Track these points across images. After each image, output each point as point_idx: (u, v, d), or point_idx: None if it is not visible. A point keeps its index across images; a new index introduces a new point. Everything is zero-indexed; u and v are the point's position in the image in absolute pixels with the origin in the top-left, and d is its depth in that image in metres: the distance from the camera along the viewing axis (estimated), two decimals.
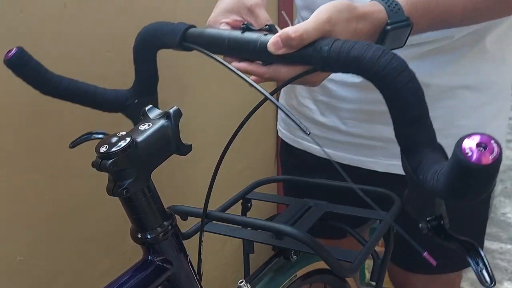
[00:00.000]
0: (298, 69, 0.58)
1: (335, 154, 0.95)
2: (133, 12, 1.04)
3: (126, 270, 0.61)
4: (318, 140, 0.97)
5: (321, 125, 0.96)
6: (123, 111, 0.74)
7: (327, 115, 0.94)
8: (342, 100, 0.91)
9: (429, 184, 0.46)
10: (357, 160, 0.94)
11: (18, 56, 0.66)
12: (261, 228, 0.70)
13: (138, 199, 0.57)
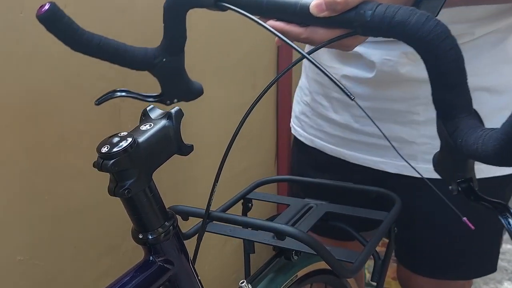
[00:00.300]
0: (336, 32, 0.58)
1: (347, 154, 0.95)
2: (133, 12, 1.04)
3: (128, 270, 0.61)
4: (332, 139, 0.97)
5: (334, 123, 0.95)
6: (151, 70, 0.74)
7: (340, 112, 0.94)
8: (356, 98, 0.90)
9: (471, 148, 0.47)
10: (369, 160, 0.93)
11: (51, 11, 0.64)
12: (262, 228, 0.70)
13: (139, 200, 0.57)
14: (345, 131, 0.94)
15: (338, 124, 0.94)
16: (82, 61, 0.94)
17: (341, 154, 0.96)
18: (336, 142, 0.96)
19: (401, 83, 0.85)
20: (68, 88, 0.92)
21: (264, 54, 1.58)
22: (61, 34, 0.67)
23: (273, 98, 1.68)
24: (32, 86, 0.86)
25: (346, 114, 0.93)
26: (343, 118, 0.93)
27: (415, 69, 0.83)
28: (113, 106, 1.02)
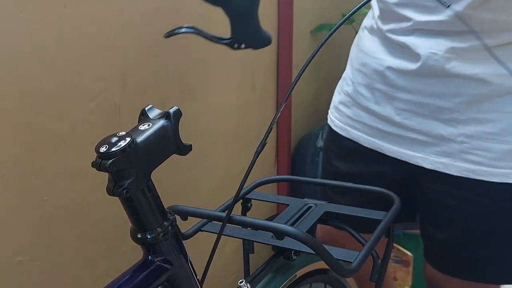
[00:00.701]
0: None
1: (383, 146, 0.95)
2: (133, 12, 1.04)
3: (126, 270, 0.61)
4: (369, 130, 0.96)
5: (374, 114, 0.95)
6: (225, 6, 0.74)
7: (382, 104, 0.93)
8: (400, 90, 0.90)
9: None
10: (405, 154, 0.93)
11: None
12: (262, 228, 0.70)
13: (138, 199, 0.57)
14: (385, 124, 0.94)
15: (378, 116, 0.94)
16: (82, 61, 0.94)
17: (377, 145, 0.96)
18: (374, 133, 0.96)
19: (445, 78, 0.85)
20: (68, 88, 0.92)
21: (264, 54, 1.58)
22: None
23: (273, 98, 1.68)
24: (32, 86, 0.86)
25: (388, 107, 0.92)
26: (384, 110, 0.93)
27: (461, 65, 0.83)
28: (113, 106, 1.02)
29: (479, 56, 0.82)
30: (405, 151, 0.92)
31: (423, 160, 0.91)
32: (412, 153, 0.92)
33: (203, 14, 1.22)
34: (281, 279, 0.79)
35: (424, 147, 0.90)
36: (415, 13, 0.84)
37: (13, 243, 0.87)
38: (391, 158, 0.94)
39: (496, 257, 0.92)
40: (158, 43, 1.12)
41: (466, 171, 0.87)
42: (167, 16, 1.14)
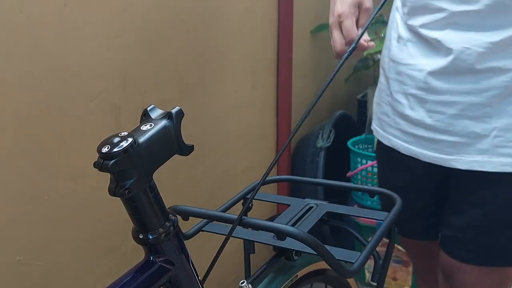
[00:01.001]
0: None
1: (419, 152, 0.95)
2: (133, 11, 1.04)
3: (128, 270, 0.61)
4: (405, 137, 0.98)
5: (409, 120, 0.96)
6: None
7: (415, 108, 0.94)
8: (430, 91, 0.91)
9: None
10: (439, 159, 0.93)
11: None
12: (263, 228, 0.70)
13: (140, 200, 0.57)
14: (418, 128, 0.94)
15: (412, 121, 0.95)
16: (82, 61, 0.94)
17: (413, 152, 0.97)
18: (410, 140, 0.97)
19: (475, 74, 0.86)
20: (68, 88, 0.92)
21: (264, 54, 1.58)
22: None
23: (273, 98, 1.68)
24: (31, 85, 0.86)
25: (420, 110, 0.93)
26: (417, 114, 0.94)
27: (492, 59, 0.84)
28: (113, 106, 1.02)
29: (511, 48, 0.83)
30: (439, 155, 0.93)
31: (457, 162, 0.91)
32: (445, 157, 0.92)
33: (203, 15, 1.22)
34: (282, 279, 0.79)
35: (456, 149, 0.91)
36: (450, 3, 0.85)
37: (13, 243, 0.87)
38: (429, 164, 0.95)
39: (495, 241, 0.94)
40: (158, 43, 1.12)
41: (502, 165, 0.88)
42: (167, 17, 1.14)
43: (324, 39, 1.84)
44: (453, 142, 0.91)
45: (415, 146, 0.96)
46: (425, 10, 0.89)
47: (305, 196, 0.95)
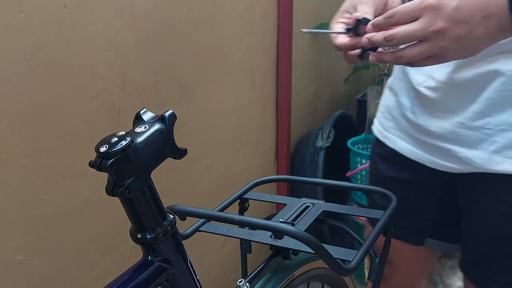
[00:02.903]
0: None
1: (423, 156, 0.93)
2: (133, 12, 1.04)
3: (126, 270, 0.61)
4: (409, 140, 0.95)
5: (411, 124, 0.94)
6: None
7: (418, 113, 0.92)
8: (428, 99, 0.90)
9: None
10: (440, 165, 0.91)
11: None
12: (260, 227, 0.70)
13: (138, 199, 0.57)
14: (422, 134, 0.92)
15: (415, 125, 0.93)
16: (82, 62, 0.95)
17: (418, 156, 0.94)
18: (413, 144, 0.95)
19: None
20: (68, 88, 0.93)
21: (264, 54, 1.59)
22: None
23: (273, 98, 1.68)
24: (31, 85, 0.86)
25: (423, 116, 0.91)
26: (420, 119, 0.92)
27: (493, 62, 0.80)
28: (112, 106, 1.02)
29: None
30: (441, 162, 0.90)
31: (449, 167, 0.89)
32: (444, 163, 0.90)
33: (203, 15, 1.22)
34: (279, 278, 0.79)
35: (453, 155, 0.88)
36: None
37: (13, 243, 0.87)
38: (431, 169, 0.93)
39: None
40: (158, 44, 1.13)
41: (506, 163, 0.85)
42: (166, 17, 1.14)
43: (324, 39, 1.84)
44: (447, 149, 0.88)
45: (417, 148, 0.94)
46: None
47: (305, 196, 0.96)
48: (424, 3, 0.66)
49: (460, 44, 0.66)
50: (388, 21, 0.70)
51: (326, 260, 0.68)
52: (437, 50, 0.67)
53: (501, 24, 0.65)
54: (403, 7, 0.68)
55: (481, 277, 0.92)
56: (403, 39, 0.68)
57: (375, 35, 0.71)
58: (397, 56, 0.70)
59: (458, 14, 0.64)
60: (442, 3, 0.65)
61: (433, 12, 0.65)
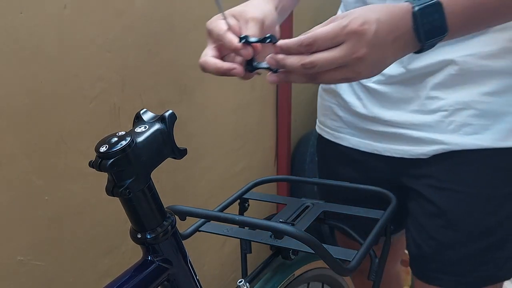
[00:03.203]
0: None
1: (375, 145, 0.94)
2: (132, 13, 1.04)
3: (126, 270, 0.61)
4: (361, 134, 0.96)
5: (362, 117, 0.95)
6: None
7: (368, 106, 0.93)
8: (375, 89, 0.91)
9: None
10: (399, 151, 0.92)
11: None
12: (260, 227, 0.71)
13: (138, 199, 0.57)
14: (374, 124, 0.93)
15: (365, 117, 0.94)
16: (81, 62, 0.95)
17: (373, 147, 0.95)
18: (366, 136, 0.96)
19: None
20: (68, 88, 0.93)
21: None
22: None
23: (272, 98, 1.68)
24: (31, 86, 0.86)
25: (372, 106, 0.92)
26: (371, 111, 0.93)
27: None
28: (112, 107, 1.02)
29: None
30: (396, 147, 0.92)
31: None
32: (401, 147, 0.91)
33: (203, 16, 1.22)
34: (279, 278, 0.80)
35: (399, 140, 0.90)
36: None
37: (14, 243, 0.87)
38: (386, 157, 0.93)
39: (486, 254, 0.89)
40: (157, 44, 1.13)
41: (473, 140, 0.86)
42: (165, 17, 1.14)
43: None
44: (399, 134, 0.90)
45: (370, 140, 0.95)
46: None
47: (305, 196, 0.96)
48: (347, 28, 0.62)
49: (373, 66, 0.65)
50: (306, 49, 0.64)
51: (326, 260, 0.68)
52: (354, 74, 0.65)
53: (406, 44, 0.65)
54: (324, 33, 0.63)
55: (431, 271, 0.92)
56: (324, 67, 0.64)
57: (287, 58, 0.66)
58: (311, 78, 0.67)
59: (377, 38, 0.62)
60: (365, 28, 0.62)
61: (357, 38, 0.62)
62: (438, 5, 0.64)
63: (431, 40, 0.65)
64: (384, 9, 0.64)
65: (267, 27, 0.75)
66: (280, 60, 0.66)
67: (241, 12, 0.75)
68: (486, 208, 0.87)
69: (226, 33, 0.72)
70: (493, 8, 0.67)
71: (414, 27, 0.64)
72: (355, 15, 0.63)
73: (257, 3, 0.77)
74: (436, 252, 0.91)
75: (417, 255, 0.94)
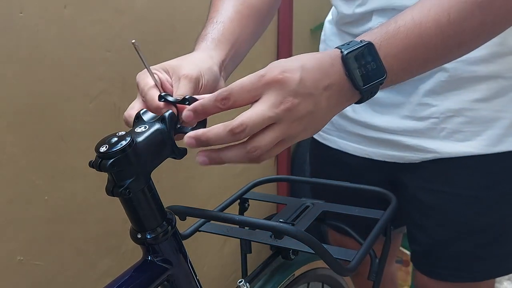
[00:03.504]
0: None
1: (369, 150, 0.95)
2: (132, 12, 1.04)
3: (126, 270, 0.61)
4: (350, 137, 0.96)
5: (353, 121, 0.95)
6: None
7: (357, 110, 0.93)
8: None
9: None
10: (389, 156, 0.93)
11: None
12: (260, 227, 0.70)
13: (138, 199, 0.57)
14: (364, 129, 0.94)
15: (357, 121, 0.94)
16: (82, 62, 0.95)
17: (364, 152, 0.96)
18: (357, 140, 0.96)
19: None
20: (68, 88, 0.93)
21: (264, 53, 1.59)
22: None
23: None
24: (31, 86, 0.86)
25: (364, 111, 0.92)
26: (361, 116, 0.93)
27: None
28: (112, 107, 1.02)
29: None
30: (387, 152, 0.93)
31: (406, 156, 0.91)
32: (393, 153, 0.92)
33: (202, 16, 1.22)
34: (279, 278, 0.79)
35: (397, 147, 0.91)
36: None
37: (13, 243, 0.87)
38: (379, 162, 0.94)
39: (481, 251, 0.92)
40: (158, 44, 1.13)
41: (463, 147, 0.87)
42: (166, 17, 1.14)
43: None
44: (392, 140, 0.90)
45: (363, 145, 0.95)
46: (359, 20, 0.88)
47: (305, 196, 0.96)
48: (265, 78, 0.55)
49: (308, 120, 0.56)
50: (222, 104, 0.56)
51: (326, 260, 0.68)
52: (290, 130, 0.56)
53: (341, 92, 0.58)
54: (239, 85, 0.56)
55: (431, 266, 0.96)
56: (256, 126, 0.54)
57: (208, 132, 0.54)
58: (251, 150, 0.55)
59: (304, 87, 0.55)
60: (286, 76, 0.54)
61: (278, 87, 0.54)
62: (370, 46, 0.58)
63: (369, 85, 0.58)
64: (311, 57, 0.58)
65: (205, 86, 0.66)
66: (199, 138, 0.55)
67: (175, 67, 0.68)
68: (478, 209, 0.89)
69: (150, 89, 0.65)
70: (434, 48, 0.60)
71: (347, 73, 0.57)
72: (275, 64, 0.57)
73: (196, 58, 0.69)
74: (434, 248, 0.94)
75: (417, 250, 0.98)
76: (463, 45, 0.62)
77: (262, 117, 0.53)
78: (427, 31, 0.59)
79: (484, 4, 0.59)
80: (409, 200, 0.95)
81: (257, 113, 0.54)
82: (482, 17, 0.59)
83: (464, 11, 0.59)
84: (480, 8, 0.59)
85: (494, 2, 0.59)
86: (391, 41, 0.59)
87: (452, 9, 0.58)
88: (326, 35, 1.03)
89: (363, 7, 0.86)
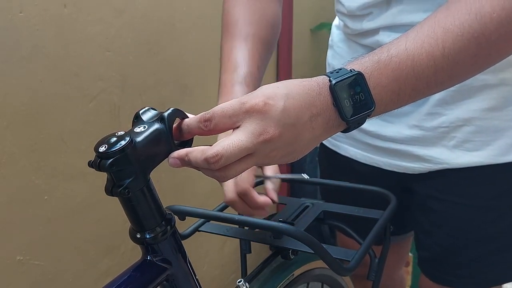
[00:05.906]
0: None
1: (378, 160, 0.94)
2: (132, 12, 1.04)
3: (125, 270, 0.61)
4: (360, 146, 0.95)
5: (362, 131, 0.94)
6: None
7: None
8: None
9: None
10: (398, 166, 0.92)
11: None
12: (260, 227, 0.71)
13: (137, 199, 0.57)
14: (374, 139, 0.93)
15: (365, 131, 0.94)
16: (81, 62, 0.95)
17: (373, 160, 0.95)
18: (366, 148, 0.96)
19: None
20: (68, 88, 0.93)
21: None
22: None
23: None
24: (31, 86, 0.86)
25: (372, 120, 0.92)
26: (370, 125, 0.92)
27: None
28: (112, 107, 1.02)
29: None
30: (398, 163, 0.92)
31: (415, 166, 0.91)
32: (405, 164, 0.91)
33: (202, 15, 1.22)
34: (279, 278, 0.79)
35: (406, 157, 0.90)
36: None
37: (13, 243, 0.87)
38: (386, 172, 0.94)
39: (491, 258, 0.91)
40: (158, 43, 1.13)
41: (471, 157, 0.86)
42: (165, 17, 1.14)
43: (324, 38, 1.84)
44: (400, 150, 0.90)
45: (371, 153, 0.95)
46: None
47: (305, 196, 0.96)
48: (247, 105, 0.53)
49: (289, 150, 0.55)
50: (205, 126, 0.57)
51: (326, 260, 0.68)
52: (266, 159, 0.54)
53: (328, 123, 0.56)
54: (220, 110, 0.56)
55: (440, 273, 0.95)
56: (232, 157, 0.52)
57: (190, 154, 0.55)
58: (220, 177, 0.56)
59: (287, 116, 0.53)
60: (269, 103, 0.52)
61: (260, 117, 0.52)
62: (359, 77, 0.55)
63: (356, 117, 0.56)
64: (297, 84, 0.55)
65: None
66: (182, 158, 0.56)
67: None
68: (488, 218, 0.88)
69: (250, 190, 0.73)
70: (426, 80, 0.58)
71: (334, 103, 0.55)
72: (259, 91, 0.54)
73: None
74: (444, 256, 0.93)
75: (427, 258, 0.97)
76: (454, 77, 0.60)
77: (239, 149, 0.52)
78: (420, 63, 0.57)
79: (480, 38, 0.57)
80: (419, 207, 0.95)
81: (234, 144, 0.52)
82: (477, 51, 0.57)
83: (459, 44, 0.57)
84: (476, 43, 0.57)
85: (490, 36, 0.57)
86: (382, 71, 0.57)
87: (447, 42, 0.57)
88: (334, 41, 1.02)
89: (371, 23, 0.85)
